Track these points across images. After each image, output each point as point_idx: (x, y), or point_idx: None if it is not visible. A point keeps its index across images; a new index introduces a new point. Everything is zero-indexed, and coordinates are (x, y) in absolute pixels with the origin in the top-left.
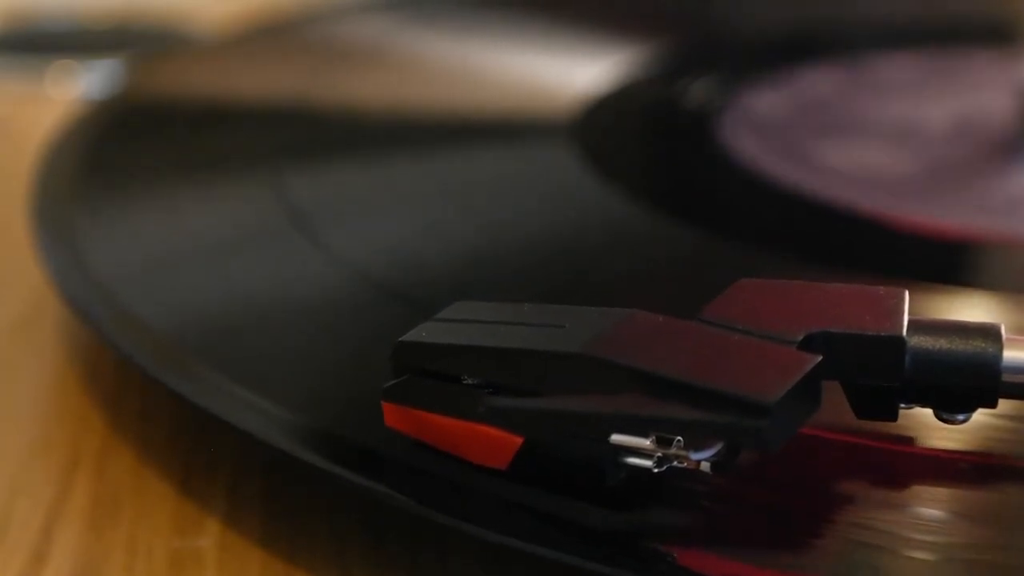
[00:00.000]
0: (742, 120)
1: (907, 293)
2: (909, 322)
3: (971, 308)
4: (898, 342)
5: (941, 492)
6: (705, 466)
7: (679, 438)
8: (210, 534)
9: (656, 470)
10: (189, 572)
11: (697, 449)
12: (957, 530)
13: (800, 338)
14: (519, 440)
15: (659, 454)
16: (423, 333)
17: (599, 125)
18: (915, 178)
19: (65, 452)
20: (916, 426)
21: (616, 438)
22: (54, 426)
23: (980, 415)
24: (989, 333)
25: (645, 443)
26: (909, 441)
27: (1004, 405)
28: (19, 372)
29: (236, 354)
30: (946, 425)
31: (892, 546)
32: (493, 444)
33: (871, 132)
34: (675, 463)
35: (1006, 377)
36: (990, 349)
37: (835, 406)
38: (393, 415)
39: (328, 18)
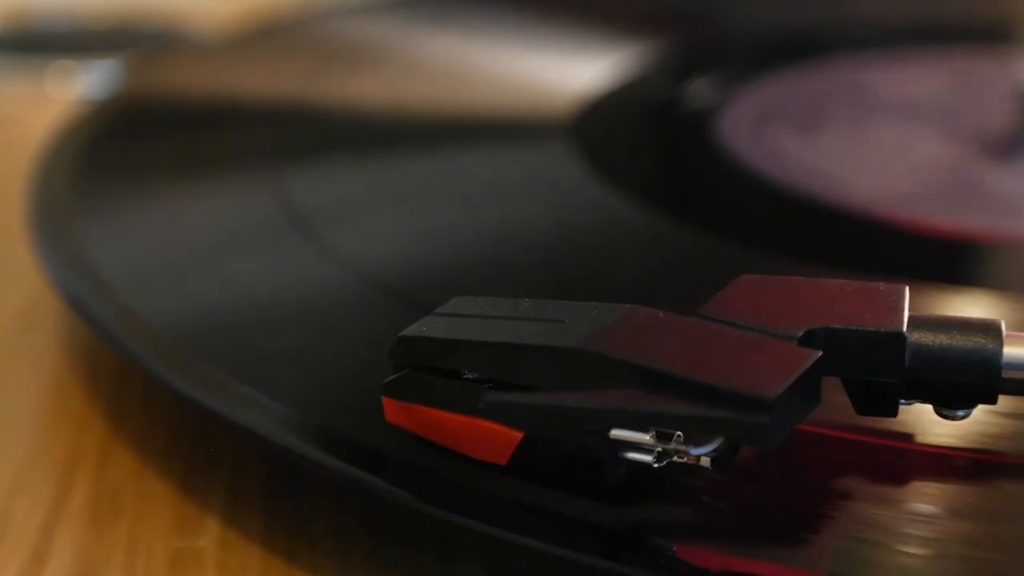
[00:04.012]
0: (741, 119)
1: (907, 289)
2: (909, 318)
3: (971, 307)
4: (898, 338)
5: (940, 488)
6: (705, 461)
7: (679, 433)
8: (210, 534)
9: (656, 465)
10: (189, 572)
11: (697, 444)
12: (956, 526)
13: (800, 334)
14: (519, 435)
15: (659, 449)
16: (423, 328)
17: (598, 125)
18: (915, 177)
19: (65, 452)
20: (916, 422)
21: (616, 433)
22: (54, 426)
23: (980, 411)
24: (989, 329)
25: (645, 438)
26: (909, 437)
27: (1004, 401)
28: (18, 372)
29: (236, 352)
30: (946, 421)
31: (891, 542)
32: (493, 439)
33: (870, 131)
34: (675, 458)
35: (1006, 373)
36: (990, 345)
37: (835, 402)
38: (393, 410)
39: (328, 18)
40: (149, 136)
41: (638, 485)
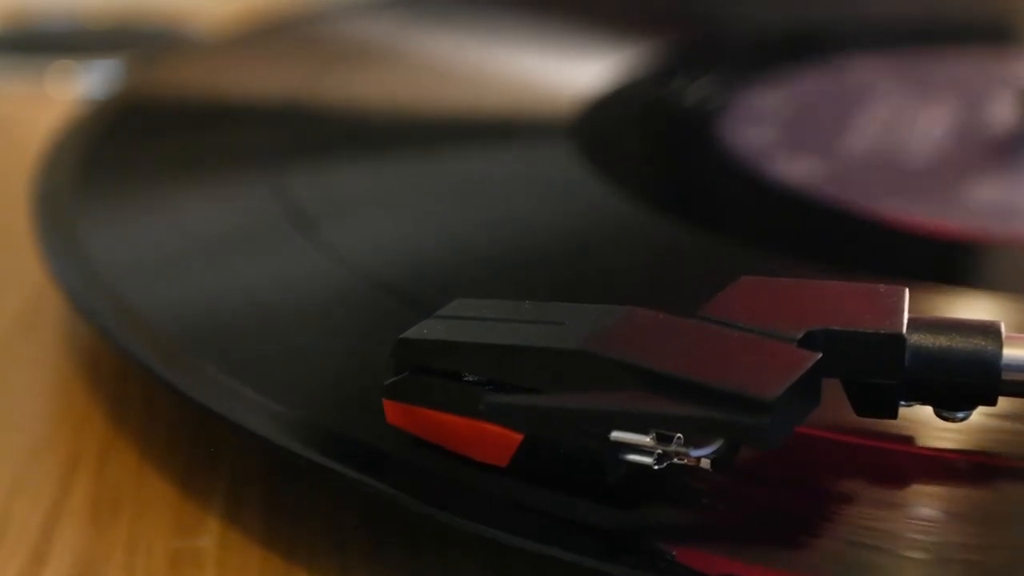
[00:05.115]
0: (741, 119)
1: (907, 291)
2: (909, 320)
3: (971, 308)
4: (898, 340)
5: (940, 491)
6: (705, 463)
7: (679, 435)
8: (210, 533)
9: (656, 467)
10: (189, 571)
11: (697, 446)
12: (955, 530)
13: (800, 335)
14: (519, 437)
15: (659, 451)
16: (424, 330)
17: (599, 125)
18: (915, 178)
19: (65, 452)
20: (915, 424)
21: (616, 435)
22: (55, 425)
23: (979, 413)
24: (989, 331)
25: (645, 440)
26: (908, 440)
27: (1004, 403)
28: (20, 371)
29: (237, 352)
30: (945, 423)
31: (890, 545)
32: (493, 441)
33: (871, 131)
34: (675, 460)
35: (1006, 375)
36: (990, 347)
37: (835, 404)
38: (394, 412)
39: (328, 18)
40: (150, 136)
41: (638, 487)
